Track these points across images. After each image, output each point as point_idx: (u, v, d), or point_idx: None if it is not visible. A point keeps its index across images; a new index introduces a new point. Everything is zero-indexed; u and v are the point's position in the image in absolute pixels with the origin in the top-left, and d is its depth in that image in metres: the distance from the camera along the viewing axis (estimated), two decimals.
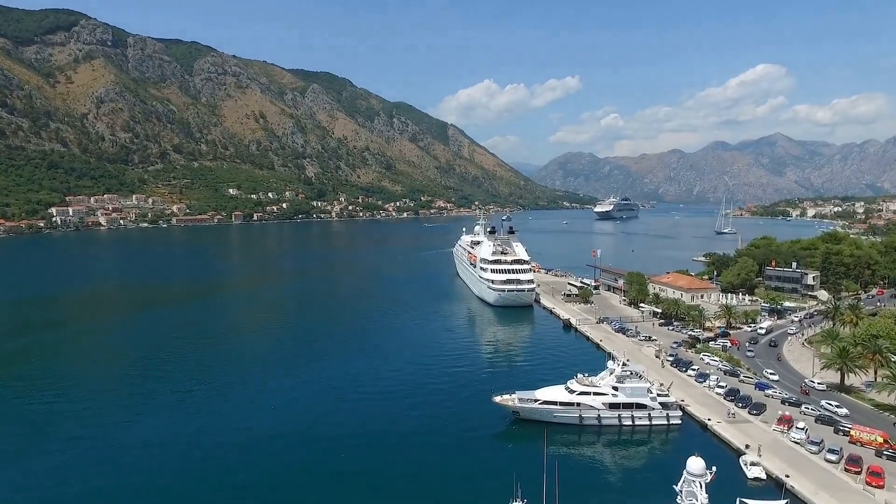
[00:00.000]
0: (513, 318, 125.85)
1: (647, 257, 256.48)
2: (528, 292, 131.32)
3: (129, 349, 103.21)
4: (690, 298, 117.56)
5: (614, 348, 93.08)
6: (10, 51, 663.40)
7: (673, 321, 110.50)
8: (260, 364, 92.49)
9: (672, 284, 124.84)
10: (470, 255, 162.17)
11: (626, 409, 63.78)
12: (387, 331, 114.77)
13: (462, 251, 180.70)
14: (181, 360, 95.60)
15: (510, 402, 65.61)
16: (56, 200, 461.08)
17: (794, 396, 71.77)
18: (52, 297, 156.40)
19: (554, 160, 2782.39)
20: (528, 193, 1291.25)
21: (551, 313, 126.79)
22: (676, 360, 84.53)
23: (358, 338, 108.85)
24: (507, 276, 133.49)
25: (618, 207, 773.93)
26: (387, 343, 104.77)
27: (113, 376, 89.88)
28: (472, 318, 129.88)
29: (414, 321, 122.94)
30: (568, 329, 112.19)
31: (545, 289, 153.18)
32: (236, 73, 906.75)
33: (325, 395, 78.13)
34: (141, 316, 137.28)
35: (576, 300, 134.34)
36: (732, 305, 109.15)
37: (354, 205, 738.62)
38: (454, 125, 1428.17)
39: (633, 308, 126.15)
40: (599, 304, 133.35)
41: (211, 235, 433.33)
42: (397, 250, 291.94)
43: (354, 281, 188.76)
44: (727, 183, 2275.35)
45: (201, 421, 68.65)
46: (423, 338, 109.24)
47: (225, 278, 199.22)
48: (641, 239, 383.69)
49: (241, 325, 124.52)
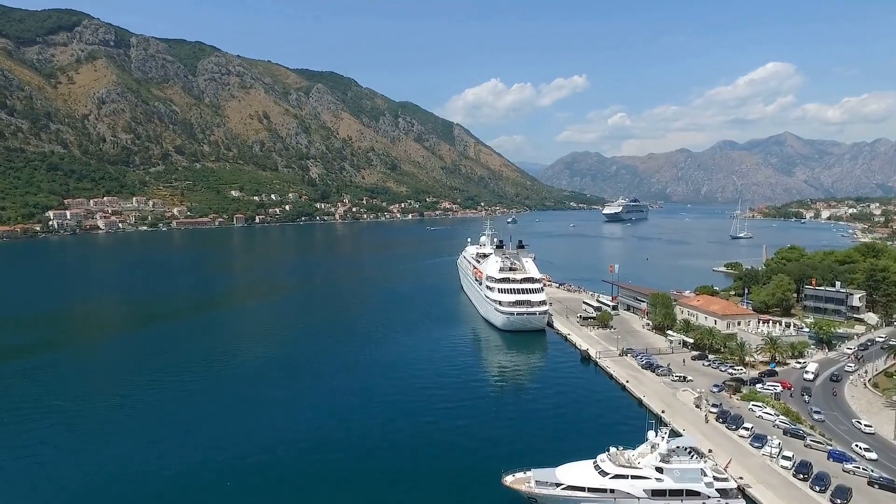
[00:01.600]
0: (523, 345, 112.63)
1: (662, 267, 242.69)
2: (541, 316, 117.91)
3: (129, 371, 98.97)
4: (726, 326, 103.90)
5: (645, 393, 79.60)
6: (11, 51, 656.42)
7: (707, 354, 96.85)
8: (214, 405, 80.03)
9: (703, 309, 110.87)
10: (475, 269, 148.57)
11: (673, 497, 50.37)
12: (378, 366, 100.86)
13: (466, 264, 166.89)
14: (168, 385, 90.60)
15: (525, 486, 52.39)
16: (54, 204, 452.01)
17: (885, 476, 56.34)
18: (39, 316, 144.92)
19: (560, 160, 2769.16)
20: (534, 194, 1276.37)
21: (566, 340, 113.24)
22: (722, 412, 70.73)
23: (343, 376, 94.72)
24: (517, 296, 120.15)
25: (627, 209, 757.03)
26: (376, 384, 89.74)
27: (123, 400, 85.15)
28: (477, 345, 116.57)
29: (411, 352, 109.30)
30: (587, 362, 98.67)
31: (558, 307, 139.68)
32: (240, 73, 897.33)
33: (285, 470, 62.20)
34: (136, 334, 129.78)
35: (593, 324, 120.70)
36: (777, 337, 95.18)
37: (358, 206, 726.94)
38: (460, 125, 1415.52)
39: (658, 334, 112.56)
40: (620, 327, 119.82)
41: (210, 240, 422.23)
42: (399, 258, 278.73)
43: (351, 297, 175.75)
44: (735, 182, 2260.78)
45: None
46: (418, 377, 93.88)
47: (217, 291, 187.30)
48: (654, 244, 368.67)
49: (221, 350, 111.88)
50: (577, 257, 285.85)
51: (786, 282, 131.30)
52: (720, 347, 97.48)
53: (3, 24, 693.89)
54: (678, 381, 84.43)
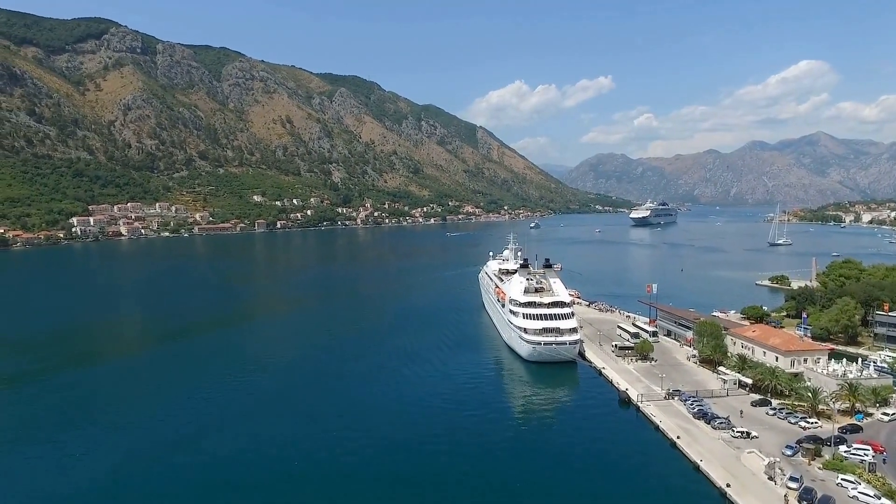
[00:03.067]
0: (550, 379, 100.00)
1: (699, 279, 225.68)
2: (571, 345, 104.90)
3: (154, 390, 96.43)
4: (790, 364, 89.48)
5: (702, 456, 66.10)
6: (41, 59, 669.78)
7: (770, 399, 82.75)
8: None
9: (762, 342, 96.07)
10: (497, 289, 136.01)
11: None
12: (384, 401, 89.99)
13: (488, 281, 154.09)
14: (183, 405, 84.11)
15: None
16: (78, 210, 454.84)
17: None
18: (53, 333, 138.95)
19: (585, 161, 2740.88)
20: (558, 197, 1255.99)
21: (600, 374, 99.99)
22: (806, 491, 56.40)
23: (346, 417, 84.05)
24: (544, 323, 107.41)
25: (655, 213, 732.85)
26: (380, 425, 79.35)
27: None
28: (498, 376, 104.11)
29: (423, 387, 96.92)
30: (626, 405, 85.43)
31: (589, 331, 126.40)
32: (264, 78, 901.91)
33: None
34: (158, 351, 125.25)
35: (631, 355, 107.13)
36: (856, 381, 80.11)
37: (380, 211, 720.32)
38: (483, 127, 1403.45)
39: (707, 369, 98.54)
40: (661, 359, 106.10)
41: (231, 246, 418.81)
42: (417, 269, 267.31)
43: (366, 314, 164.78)
44: (766, 184, 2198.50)
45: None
46: (427, 423, 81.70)
47: (232, 305, 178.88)
48: (686, 252, 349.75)
49: (224, 370, 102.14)
50: (605, 268, 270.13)
51: (851, 306, 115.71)
52: (785, 390, 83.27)
53: (35, 33, 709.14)
54: (741, 438, 70.79)
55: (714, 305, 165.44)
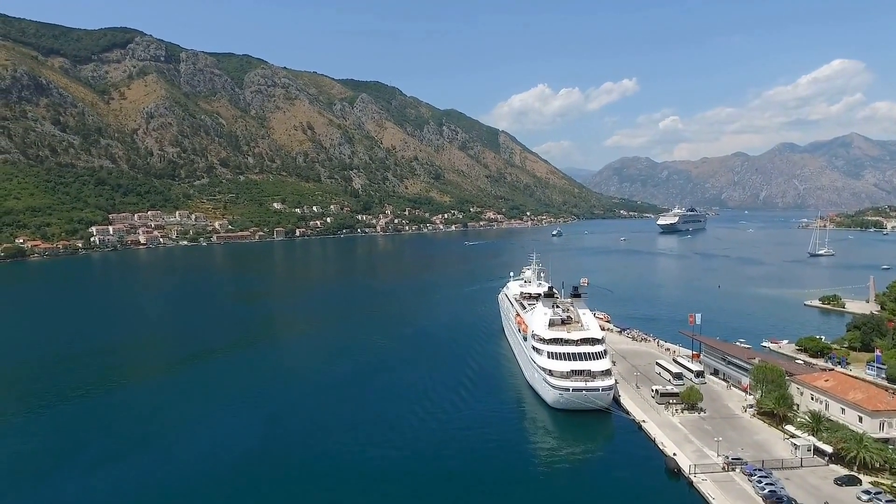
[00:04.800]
0: (579, 431, 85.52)
1: (739, 298, 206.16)
2: (604, 392, 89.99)
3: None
4: (878, 427, 73.53)
5: None
6: (68, 69, 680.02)
7: (859, 475, 67.03)
8: None
9: (840, 398, 79.01)
10: (518, 317, 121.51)
11: None
12: (383, 462, 77.05)
13: (508, 306, 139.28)
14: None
15: None
16: (98, 219, 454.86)
17: None
18: (63, 357, 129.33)
19: (609, 165, 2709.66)
20: (582, 202, 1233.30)
21: (640, 428, 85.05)
22: None
23: (342, 470, 71.59)
24: (572, 364, 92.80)
25: (684, 219, 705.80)
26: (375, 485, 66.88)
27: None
28: (518, 429, 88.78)
29: (431, 437, 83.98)
30: (675, 477, 70.56)
31: (624, 368, 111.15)
32: (285, 85, 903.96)
33: None
34: (170, 377, 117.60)
35: (675, 402, 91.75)
36: None
37: (400, 218, 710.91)
38: (505, 132, 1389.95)
39: (769, 425, 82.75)
40: (711, 407, 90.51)
41: (249, 256, 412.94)
42: (434, 284, 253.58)
43: (378, 338, 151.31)
44: (797, 187, 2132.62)
45: None
46: (434, 482, 69.91)
47: (241, 325, 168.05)
48: (721, 264, 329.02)
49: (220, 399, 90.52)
50: (634, 284, 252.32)
51: None
52: (879, 464, 67.42)
53: (63, 43, 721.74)
54: None
55: (759, 330, 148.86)
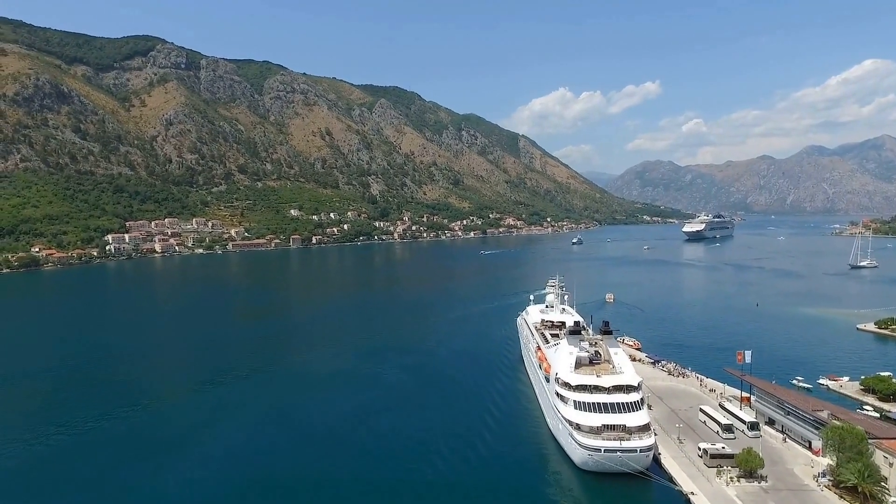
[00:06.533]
0: (611, 499, 72.60)
1: (781, 320, 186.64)
2: (643, 454, 76.15)
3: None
4: None
5: None
6: (90, 77, 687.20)
7: None
8: None
9: None
10: (539, 352, 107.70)
11: None
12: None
13: (528, 336, 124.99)
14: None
15: None
16: (115, 227, 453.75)
17: None
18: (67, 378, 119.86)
19: (630, 169, 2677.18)
20: (603, 207, 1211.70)
21: (688, 503, 71.41)
22: None
23: None
24: (604, 417, 78.83)
25: (710, 226, 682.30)
26: None
27: None
28: (540, 498, 76.44)
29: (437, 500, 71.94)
30: None
31: (661, 413, 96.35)
32: (304, 91, 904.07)
33: None
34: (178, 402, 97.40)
35: (728, 466, 77.64)
36: None
37: (418, 224, 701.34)
38: (525, 136, 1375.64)
39: (849, 502, 68.53)
40: (772, 473, 75.84)
41: (265, 265, 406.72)
42: (448, 301, 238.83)
43: (383, 375, 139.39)
44: (826, 191, 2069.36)
45: None
46: None
47: (239, 347, 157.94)
48: (755, 277, 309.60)
49: None
50: (663, 300, 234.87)
51: None
52: None
53: (86, 52, 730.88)
54: None
55: (810, 361, 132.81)
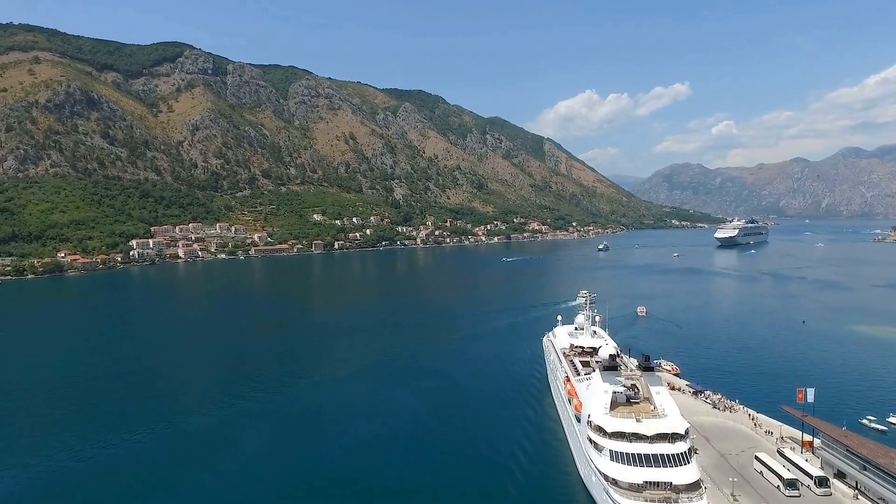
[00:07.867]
0: None
1: (831, 340, 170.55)
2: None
3: None
4: None
5: None
6: (120, 84, 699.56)
7: None
8: None
9: None
10: (569, 385, 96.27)
11: None
12: None
13: (556, 361, 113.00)
14: None
15: None
16: (140, 232, 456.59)
17: None
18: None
19: (658, 172, 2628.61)
20: (631, 211, 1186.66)
21: None
22: None
23: None
24: (645, 472, 67.66)
25: (744, 231, 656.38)
26: None
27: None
28: None
29: None
30: None
31: (707, 459, 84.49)
32: (329, 95, 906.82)
33: None
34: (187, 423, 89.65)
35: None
36: None
37: (441, 229, 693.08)
38: (551, 139, 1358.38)
39: None
40: None
41: (286, 272, 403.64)
42: (469, 313, 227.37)
43: (395, 398, 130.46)
44: (864, 194, 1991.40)
45: None
46: None
47: (248, 363, 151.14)
48: (797, 288, 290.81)
49: None
50: (699, 316, 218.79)
51: None
52: None
53: (116, 59, 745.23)
54: None
55: (878, 393, 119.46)
